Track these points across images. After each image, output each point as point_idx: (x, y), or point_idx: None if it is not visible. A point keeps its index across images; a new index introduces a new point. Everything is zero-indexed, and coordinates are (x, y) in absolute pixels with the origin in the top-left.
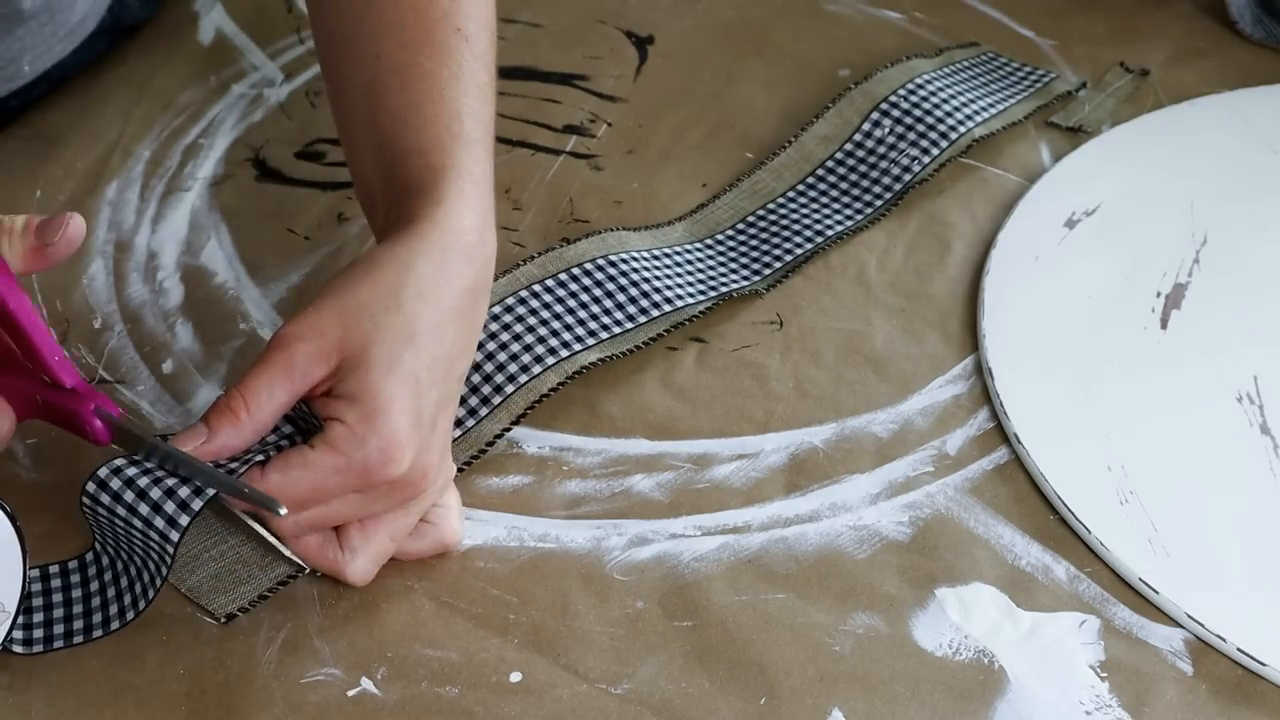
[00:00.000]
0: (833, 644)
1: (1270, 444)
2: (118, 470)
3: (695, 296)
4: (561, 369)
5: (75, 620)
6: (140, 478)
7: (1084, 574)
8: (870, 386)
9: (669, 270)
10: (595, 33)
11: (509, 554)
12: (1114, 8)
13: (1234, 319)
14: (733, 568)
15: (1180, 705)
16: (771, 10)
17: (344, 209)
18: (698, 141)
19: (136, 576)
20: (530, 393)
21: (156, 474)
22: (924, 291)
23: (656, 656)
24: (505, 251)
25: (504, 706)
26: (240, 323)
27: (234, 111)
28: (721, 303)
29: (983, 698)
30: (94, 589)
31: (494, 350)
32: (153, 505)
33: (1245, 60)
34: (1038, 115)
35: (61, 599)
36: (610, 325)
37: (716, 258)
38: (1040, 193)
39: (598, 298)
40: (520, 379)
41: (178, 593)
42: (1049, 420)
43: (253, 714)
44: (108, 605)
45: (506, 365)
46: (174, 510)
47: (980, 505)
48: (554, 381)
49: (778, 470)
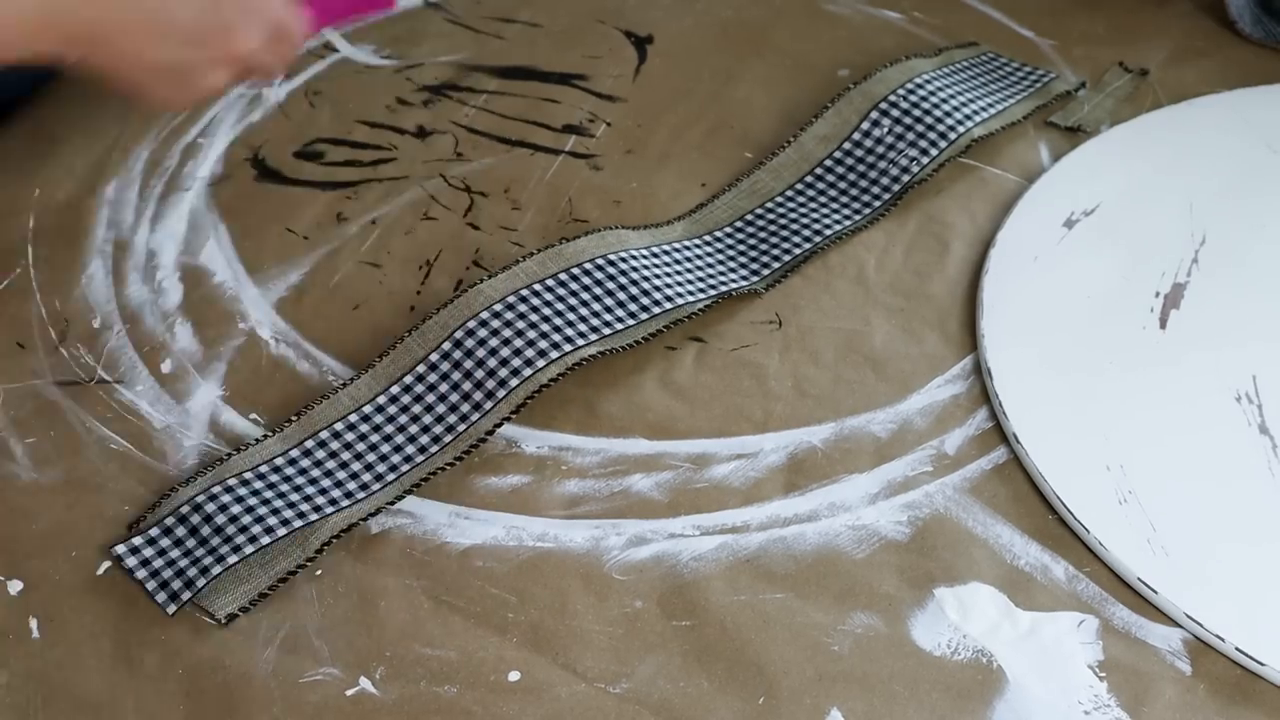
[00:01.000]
0: (831, 644)
1: (1269, 443)
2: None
3: (694, 295)
4: (562, 362)
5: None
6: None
7: (1083, 574)
8: (869, 386)
9: (667, 269)
10: (595, 32)
11: (508, 553)
12: (1114, 8)
13: (1233, 319)
14: (731, 567)
15: (1179, 705)
16: (771, 10)
17: (343, 209)
18: (697, 141)
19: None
20: (531, 384)
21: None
22: (923, 291)
23: (655, 656)
24: (504, 251)
25: (502, 705)
26: (239, 322)
27: (233, 111)
28: (720, 301)
29: (981, 697)
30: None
31: (497, 346)
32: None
33: (1245, 60)
34: (1036, 115)
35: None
36: (612, 322)
37: (715, 255)
38: (1039, 192)
39: (598, 295)
40: (524, 372)
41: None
42: (1048, 420)
43: (252, 714)
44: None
45: (510, 360)
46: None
47: (979, 505)
48: (554, 373)
49: (776, 470)
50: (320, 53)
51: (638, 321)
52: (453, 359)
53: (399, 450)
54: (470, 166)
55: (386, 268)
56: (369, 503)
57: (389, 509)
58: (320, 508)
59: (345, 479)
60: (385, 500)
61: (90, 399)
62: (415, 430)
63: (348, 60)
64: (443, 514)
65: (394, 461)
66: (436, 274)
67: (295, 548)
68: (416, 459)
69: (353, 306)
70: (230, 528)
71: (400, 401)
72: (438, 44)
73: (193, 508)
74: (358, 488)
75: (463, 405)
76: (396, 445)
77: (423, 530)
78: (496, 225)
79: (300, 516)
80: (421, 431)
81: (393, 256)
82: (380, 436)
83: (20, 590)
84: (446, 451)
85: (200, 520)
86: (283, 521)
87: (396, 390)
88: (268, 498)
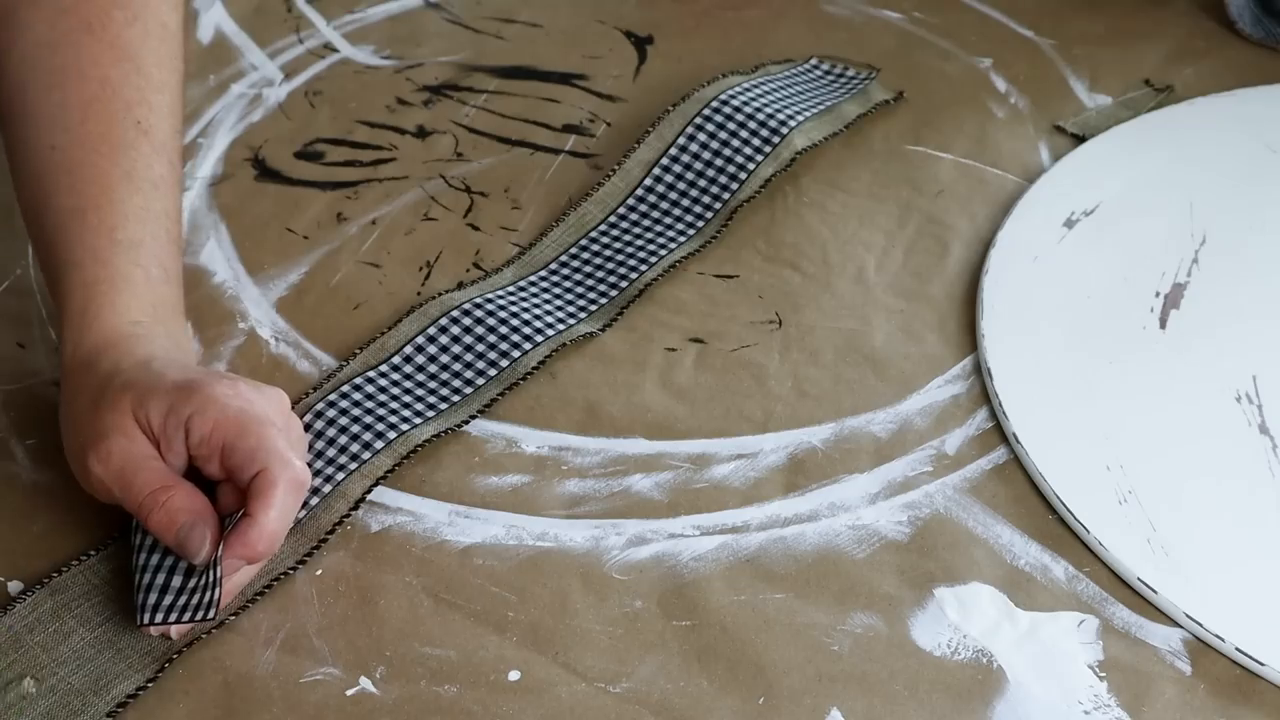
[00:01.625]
0: (831, 644)
1: (1269, 443)
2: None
3: (525, 347)
4: (393, 451)
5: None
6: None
7: (1083, 574)
8: (869, 386)
9: (492, 319)
10: (595, 33)
11: (508, 552)
12: (1114, 8)
13: (1233, 319)
14: (731, 567)
15: (1179, 704)
16: (771, 10)
17: (343, 209)
18: None
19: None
20: (367, 477)
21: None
22: (923, 291)
23: (655, 656)
24: (504, 251)
25: (502, 705)
26: (239, 322)
27: (233, 111)
28: (574, 343)
29: (981, 697)
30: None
31: (323, 446)
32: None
33: (1244, 60)
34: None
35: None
36: (423, 411)
37: (542, 296)
38: (1039, 193)
39: (422, 381)
40: (352, 465)
41: None
42: (1048, 420)
43: (251, 714)
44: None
45: (338, 457)
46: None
47: (979, 505)
48: (389, 464)
49: (776, 470)
50: (320, 53)
51: (463, 398)
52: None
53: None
54: (470, 166)
55: (386, 268)
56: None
57: (387, 509)
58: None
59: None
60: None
61: None
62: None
63: (348, 60)
64: (442, 513)
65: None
66: (436, 274)
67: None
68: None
69: (353, 306)
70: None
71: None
72: (438, 44)
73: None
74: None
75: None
76: None
77: (423, 529)
78: (496, 225)
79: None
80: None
81: (393, 256)
82: None
83: (20, 590)
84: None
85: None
86: None
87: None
88: None
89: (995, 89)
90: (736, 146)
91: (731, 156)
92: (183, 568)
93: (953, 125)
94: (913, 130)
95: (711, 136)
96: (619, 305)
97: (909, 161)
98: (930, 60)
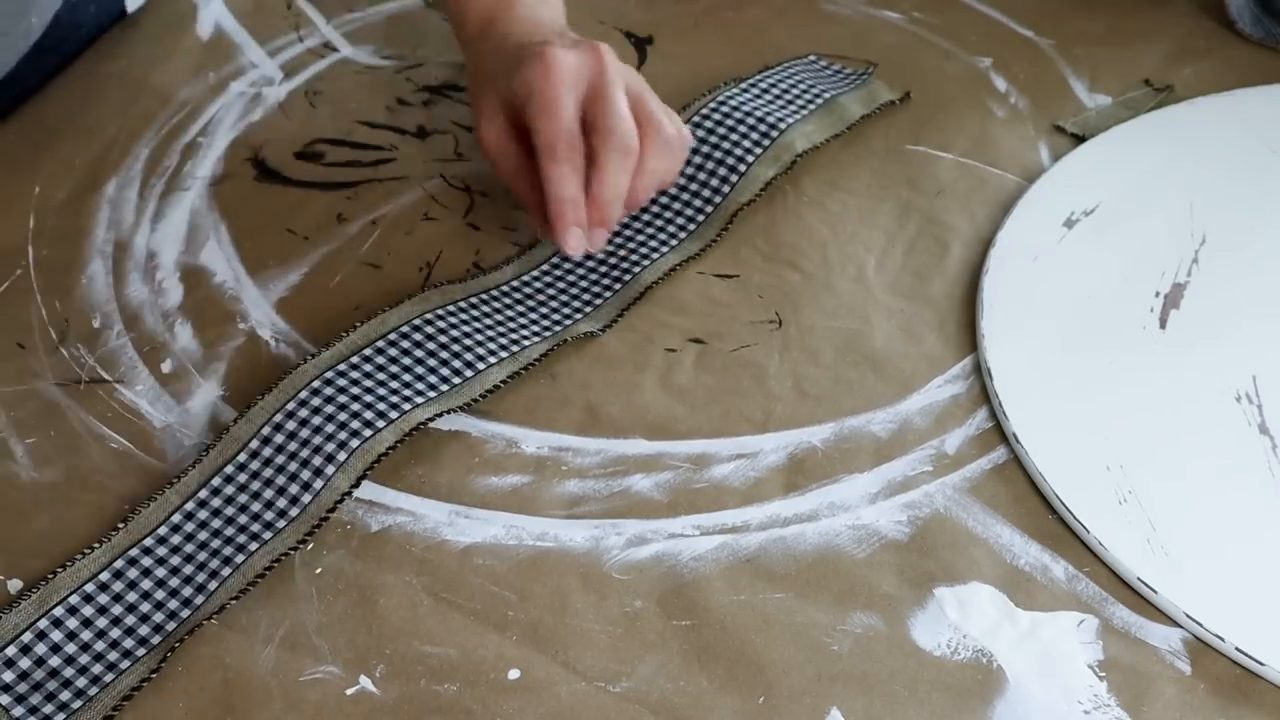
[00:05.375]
0: (831, 643)
1: (1269, 443)
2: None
3: (528, 340)
4: (396, 428)
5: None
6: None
7: (1082, 573)
8: (869, 386)
9: (490, 317)
10: (595, 33)
11: (508, 552)
12: (1114, 8)
13: (1233, 319)
14: (731, 567)
15: (1179, 704)
16: (771, 10)
17: (343, 209)
18: None
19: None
20: (368, 454)
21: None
22: (923, 291)
23: (655, 655)
24: (504, 252)
25: (502, 704)
26: (239, 322)
27: (233, 110)
28: (573, 341)
29: (981, 697)
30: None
31: (321, 424)
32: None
33: (1244, 60)
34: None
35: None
36: (425, 389)
37: (543, 294)
38: (1039, 192)
39: (407, 366)
40: (353, 444)
41: None
42: (1048, 420)
43: (251, 712)
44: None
45: (337, 434)
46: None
47: (979, 505)
48: (391, 440)
49: (776, 470)
50: (320, 52)
51: (451, 388)
52: (274, 443)
53: (189, 581)
54: (470, 166)
55: (387, 268)
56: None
57: (385, 508)
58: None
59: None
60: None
61: (90, 399)
62: (218, 544)
63: (348, 60)
64: (442, 513)
65: (179, 601)
66: (437, 274)
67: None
68: (208, 585)
69: (353, 307)
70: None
71: (210, 505)
72: (438, 44)
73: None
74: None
75: (292, 487)
76: (200, 563)
77: (422, 528)
78: (497, 225)
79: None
80: (239, 532)
81: (393, 257)
82: (195, 545)
83: (20, 590)
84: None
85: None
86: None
87: (205, 494)
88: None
89: (995, 89)
90: (736, 140)
91: (730, 151)
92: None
93: (953, 125)
94: (913, 130)
95: (710, 133)
96: (619, 305)
97: (909, 161)
98: (930, 60)
